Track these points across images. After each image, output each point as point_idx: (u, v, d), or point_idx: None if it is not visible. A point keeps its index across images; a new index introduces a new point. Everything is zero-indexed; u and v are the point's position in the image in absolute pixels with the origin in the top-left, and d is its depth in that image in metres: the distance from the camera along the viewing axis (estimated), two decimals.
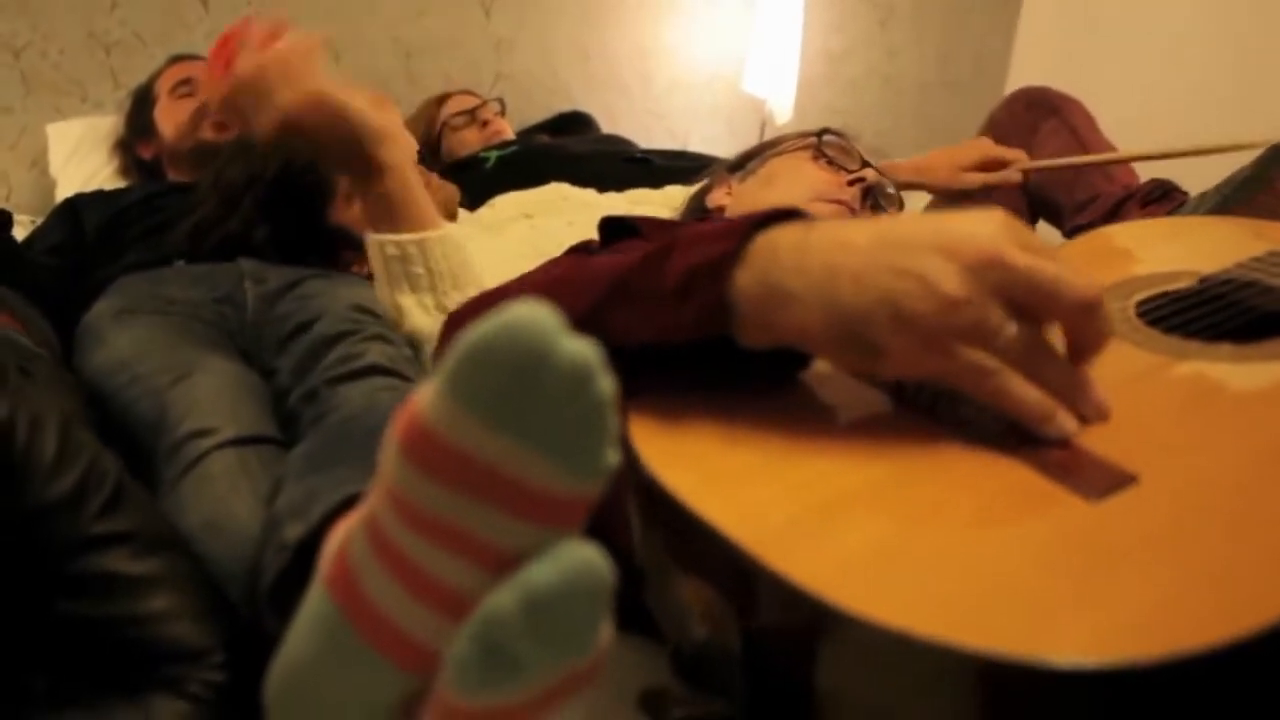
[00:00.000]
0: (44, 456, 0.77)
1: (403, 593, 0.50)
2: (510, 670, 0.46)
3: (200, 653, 0.79)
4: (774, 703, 0.55)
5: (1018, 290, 0.60)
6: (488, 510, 0.47)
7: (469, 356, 0.44)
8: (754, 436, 0.63)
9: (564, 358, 0.44)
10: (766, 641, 0.54)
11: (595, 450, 0.46)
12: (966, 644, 0.45)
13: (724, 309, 0.64)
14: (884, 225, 0.63)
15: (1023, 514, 0.55)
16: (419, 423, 0.46)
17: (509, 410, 0.44)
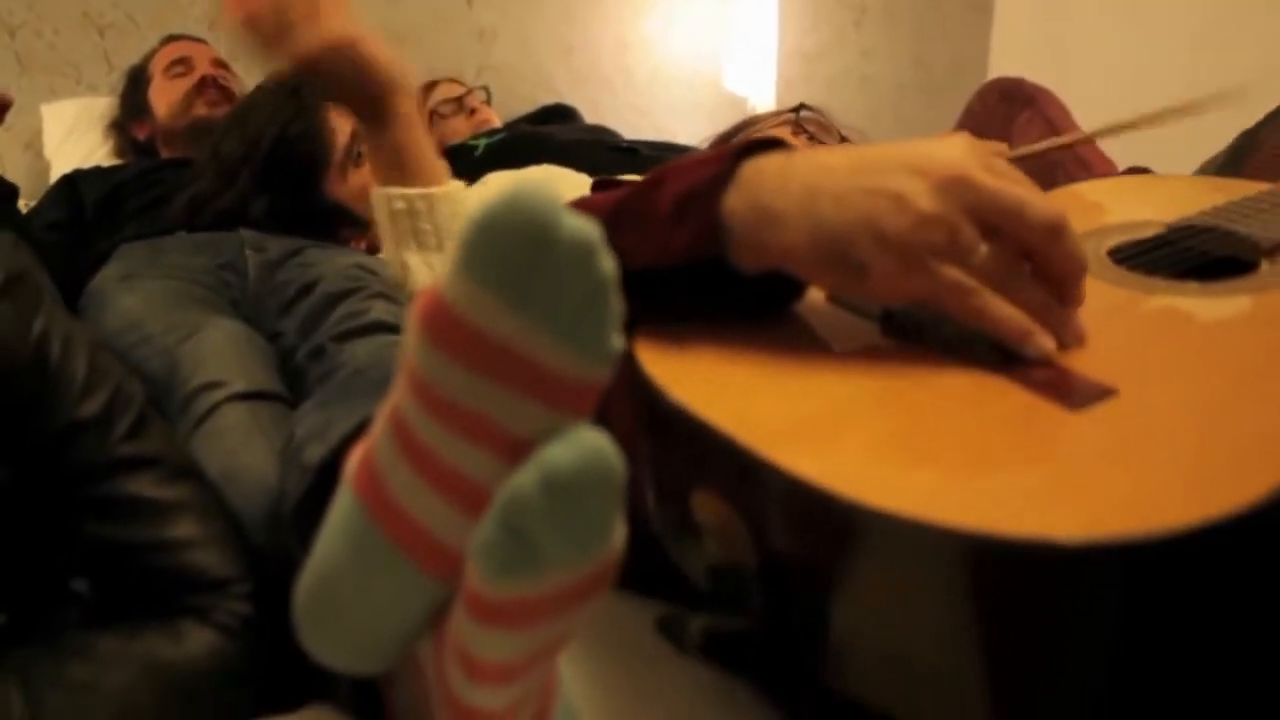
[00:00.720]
0: (75, 376, 0.78)
1: (425, 487, 0.51)
2: (532, 558, 0.46)
3: (225, 582, 0.80)
4: (790, 612, 0.56)
5: (986, 209, 0.62)
6: (501, 391, 0.48)
7: (479, 232, 0.46)
8: (754, 357, 0.66)
9: (567, 232, 0.45)
10: (778, 548, 0.55)
11: (600, 331, 0.47)
12: (973, 526, 0.47)
13: (717, 231, 0.66)
14: (859, 149, 0.66)
15: (1010, 420, 0.58)
16: (436, 301, 0.48)
17: (518, 284, 0.46)
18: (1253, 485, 0.48)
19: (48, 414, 0.77)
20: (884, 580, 0.51)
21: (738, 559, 0.58)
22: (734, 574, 0.58)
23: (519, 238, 0.45)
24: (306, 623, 0.57)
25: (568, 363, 0.47)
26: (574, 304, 0.46)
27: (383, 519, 0.53)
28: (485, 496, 0.48)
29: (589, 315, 0.47)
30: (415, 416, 0.50)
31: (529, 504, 0.45)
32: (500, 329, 0.47)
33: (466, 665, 0.52)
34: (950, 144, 0.64)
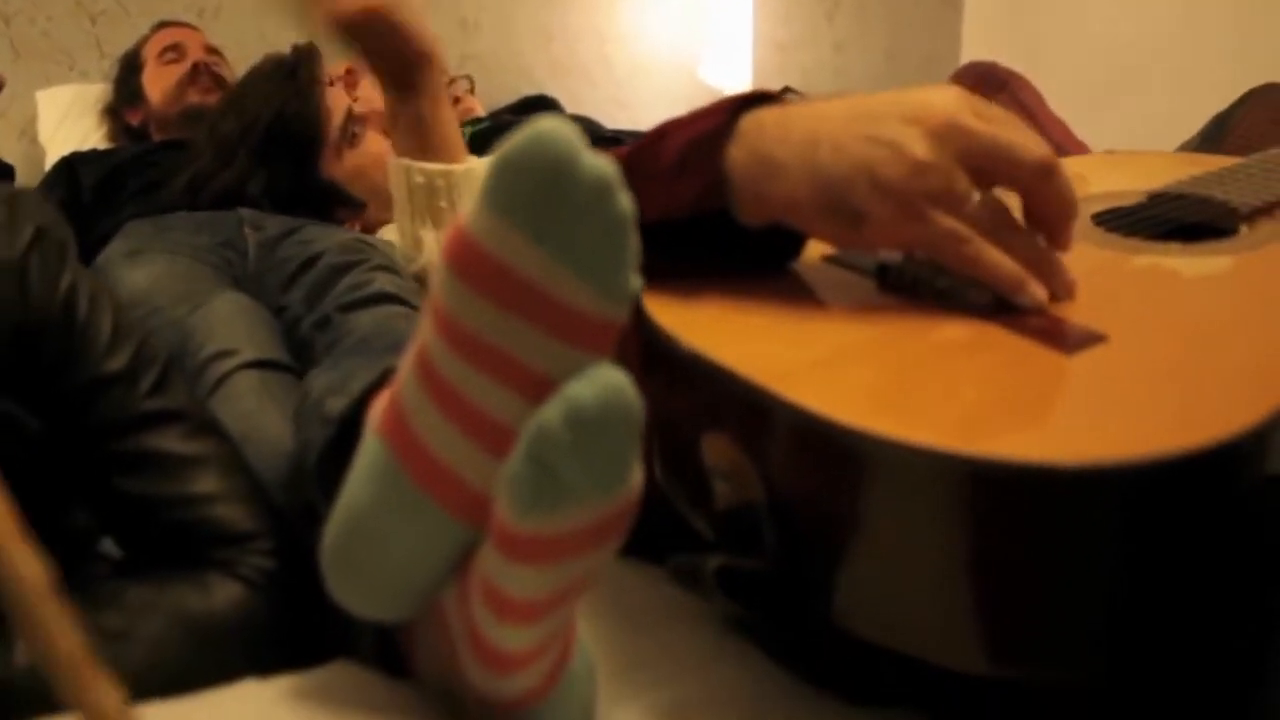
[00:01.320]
0: (101, 332, 0.79)
1: (450, 426, 0.52)
2: (557, 491, 0.47)
3: (249, 536, 0.80)
4: (800, 549, 0.57)
5: (979, 154, 0.63)
6: (524, 327, 0.49)
7: (503, 166, 0.46)
8: (759, 307, 0.67)
9: (587, 167, 0.46)
10: (787, 485, 0.56)
11: (619, 269, 0.48)
12: (977, 452, 0.48)
13: (720, 184, 0.66)
14: (854, 99, 0.66)
15: (1006, 361, 0.59)
16: (462, 235, 0.49)
17: (539, 217, 0.47)
18: (1239, 416, 0.50)
19: (75, 368, 0.77)
20: (889, 510, 0.53)
21: (748, 498, 0.58)
22: (745, 514, 0.59)
23: (540, 172, 0.46)
24: (333, 570, 0.58)
25: (587, 300, 0.49)
26: (593, 239, 0.48)
27: (409, 462, 0.54)
28: (508, 436, 0.50)
29: (608, 252, 0.48)
30: (441, 355, 0.51)
31: (555, 438, 0.46)
32: (523, 263, 0.48)
33: (495, 603, 0.53)
34: (943, 92, 0.65)
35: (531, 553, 0.50)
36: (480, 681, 0.58)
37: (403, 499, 0.55)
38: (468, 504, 0.54)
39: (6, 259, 0.73)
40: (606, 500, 0.49)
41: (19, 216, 0.75)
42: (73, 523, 0.85)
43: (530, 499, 0.48)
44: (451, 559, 0.56)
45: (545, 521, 0.48)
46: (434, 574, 0.57)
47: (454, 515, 0.54)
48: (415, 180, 1.23)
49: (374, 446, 0.56)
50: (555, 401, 0.47)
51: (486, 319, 0.49)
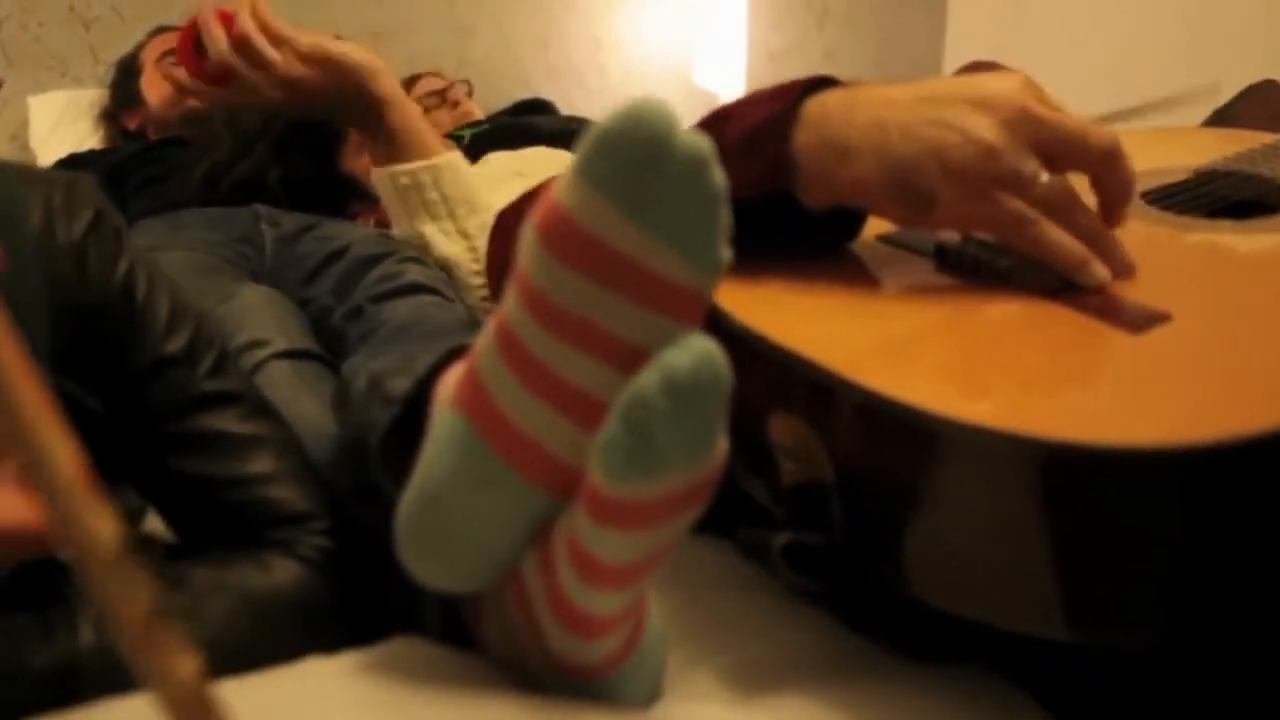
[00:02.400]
0: (159, 314, 0.79)
1: (532, 398, 0.53)
2: (652, 457, 0.48)
3: (305, 516, 0.80)
4: (869, 524, 0.58)
5: (1047, 139, 0.65)
6: (615, 299, 0.49)
7: (600, 142, 0.47)
8: (822, 287, 0.68)
9: (682, 144, 0.47)
10: (857, 463, 0.57)
11: (712, 240, 0.49)
12: (1054, 435, 0.49)
13: (786, 167, 0.68)
14: (920, 84, 0.68)
15: (1075, 341, 0.61)
16: (556, 209, 0.49)
17: (635, 192, 0.47)
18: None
19: (134, 350, 0.77)
20: (962, 488, 0.54)
21: (816, 476, 0.59)
22: (813, 491, 0.60)
23: (637, 147, 0.46)
24: (411, 544, 0.58)
25: (680, 271, 0.49)
26: (687, 213, 0.48)
27: (490, 433, 0.54)
28: (594, 406, 0.51)
29: (701, 225, 0.49)
30: (525, 328, 0.52)
31: (651, 404, 0.47)
32: (617, 236, 0.48)
33: (586, 569, 0.53)
34: (1011, 78, 0.67)
35: (624, 518, 0.50)
36: (562, 648, 0.59)
37: (484, 471, 0.55)
38: (551, 474, 0.54)
39: (67, 242, 0.73)
40: (696, 466, 0.50)
41: (77, 201, 0.75)
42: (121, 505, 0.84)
43: (625, 464, 0.48)
44: (532, 528, 0.56)
45: (638, 487, 0.49)
46: (514, 544, 0.57)
47: (537, 485, 0.55)
48: (401, 182, 1.26)
49: (452, 420, 0.56)
50: (651, 369, 0.47)
51: (578, 292, 0.50)
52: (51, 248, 0.71)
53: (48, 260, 0.70)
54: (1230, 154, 0.90)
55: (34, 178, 0.74)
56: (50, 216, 0.72)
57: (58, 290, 0.70)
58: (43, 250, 0.70)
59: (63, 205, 0.73)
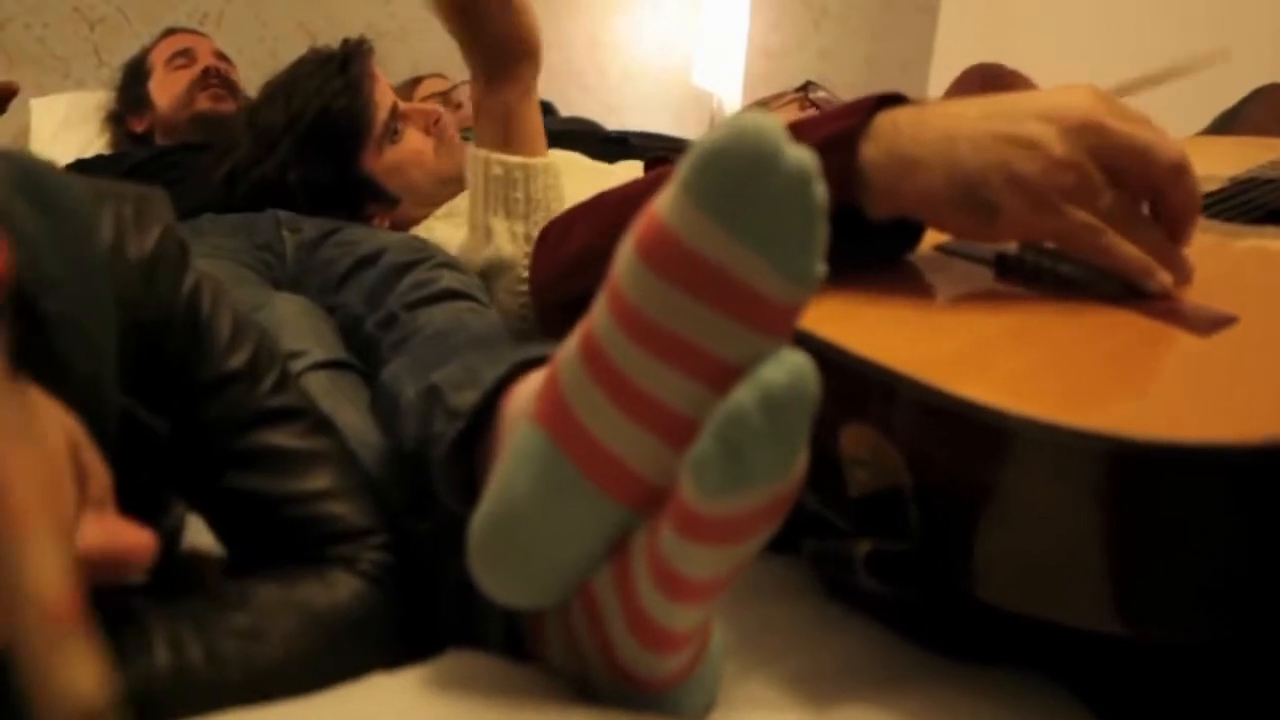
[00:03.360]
0: (222, 330, 0.78)
1: (618, 413, 0.52)
2: (746, 473, 0.48)
3: (365, 532, 0.80)
4: (947, 528, 0.59)
5: (1114, 152, 0.65)
6: (713, 314, 0.49)
7: (706, 158, 0.47)
8: (889, 298, 0.69)
9: (790, 160, 0.47)
10: (937, 468, 0.58)
11: (810, 257, 0.49)
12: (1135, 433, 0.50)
13: (852, 180, 0.68)
14: (989, 99, 0.69)
15: (1145, 344, 0.61)
16: (658, 224, 0.49)
17: (739, 209, 0.47)
18: None
19: (198, 366, 0.76)
20: (1036, 489, 0.54)
21: (892, 483, 0.60)
22: (887, 499, 0.60)
23: (744, 164, 0.46)
24: (486, 559, 0.58)
25: (777, 287, 0.49)
26: (789, 229, 0.48)
27: (572, 448, 0.54)
28: (681, 421, 0.51)
29: (801, 241, 0.48)
30: (615, 343, 0.52)
31: (749, 421, 0.47)
32: (718, 252, 0.48)
33: (671, 585, 0.53)
34: (1078, 91, 0.67)
35: (714, 534, 0.50)
36: (633, 661, 0.59)
37: (567, 487, 0.55)
38: (633, 489, 0.54)
39: (137, 257, 0.72)
40: (784, 481, 0.50)
41: (148, 216, 0.74)
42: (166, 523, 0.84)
43: (719, 481, 0.48)
44: (609, 543, 0.56)
45: (730, 503, 0.49)
46: (591, 559, 0.57)
47: (619, 501, 0.54)
48: (494, 172, 1.22)
49: (531, 436, 0.56)
50: (748, 385, 0.47)
51: (674, 307, 0.50)
52: (121, 264, 0.70)
53: (117, 277, 0.69)
54: (1265, 162, 0.91)
55: (105, 191, 0.73)
56: (121, 232, 0.72)
57: (126, 307, 0.69)
58: (113, 267, 0.69)
59: (134, 220, 0.73)
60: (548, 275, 0.95)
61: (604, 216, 0.89)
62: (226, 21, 2.47)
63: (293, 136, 1.56)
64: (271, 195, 1.53)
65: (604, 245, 0.84)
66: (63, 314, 0.62)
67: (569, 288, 0.90)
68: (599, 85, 2.94)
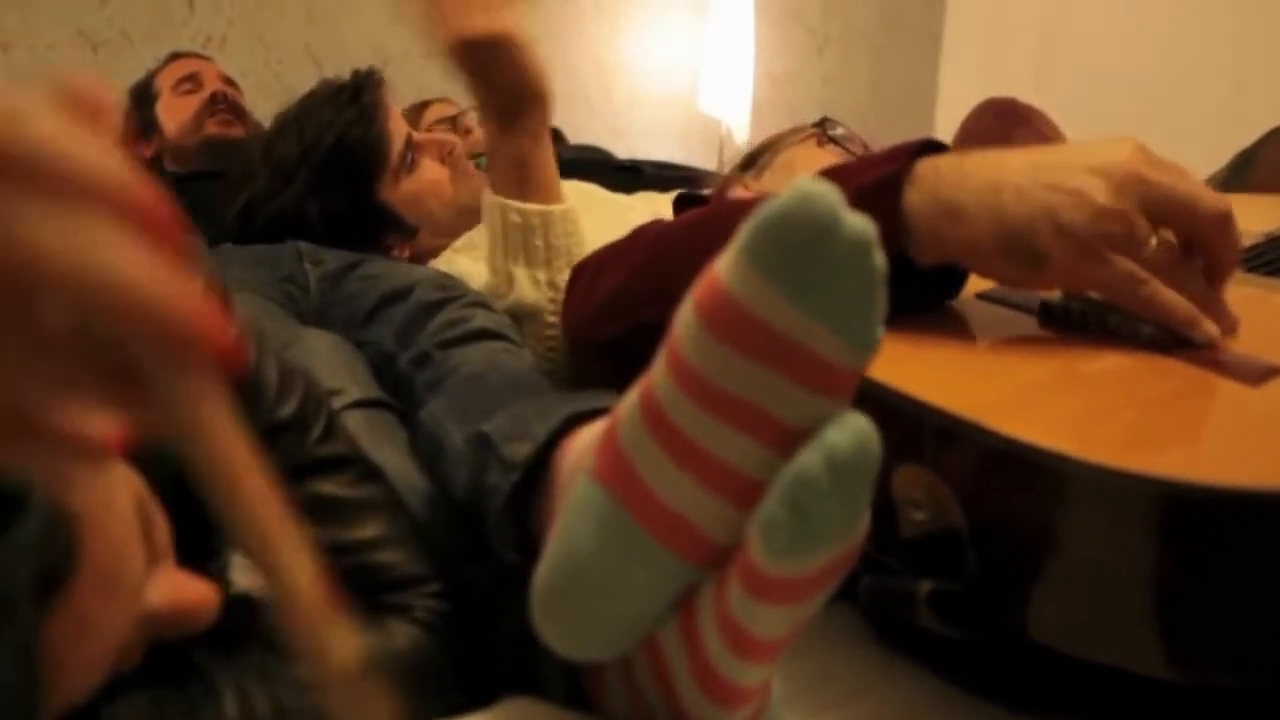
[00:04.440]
0: (270, 380, 0.78)
1: (682, 473, 0.53)
2: (813, 535, 0.49)
3: (419, 579, 0.80)
4: (1003, 570, 0.59)
5: (1159, 204, 0.67)
6: (776, 378, 0.50)
7: (768, 226, 0.48)
8: (937, 343, 0.70)
9: (851, 227, 0.47)
10: (992, 509, 0.58)
11: (871, 322, 0.49)
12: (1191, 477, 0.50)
13: (896, 226, 0.70)
14: (1034, 150, 0.70)
15: (1196, 393, 0.62)
16: (720, 291, 0.50)
17: (802, 276, 0.48)
18: None
19: (248, 418, 0.76)
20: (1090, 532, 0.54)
21: (947, 525, 0.60)
22: (943, 540, 0.61)
23: (806, 231, 0.47)
24: (550, 615, 0.58)
25: (839, 352, 0.49)
26: (850, 295, 0.49)
27: (637, 510, 0.55)
28: (744, 482, 0.51)
29: (862, 306, 0.49)
30: (677, 405, 0.52)
31: (816, 484, 0.48)
32: (780, 318, 0.49)
33: (740, 643, 0.54)
34: (1123, 144, 0.69)
35: (783, 594, 0.51)
36: (699, 715, 0.59)
37: (632, 546, 0.55)
38: (698, 547, 0.54)
39: None
40: (849, 540, 0.51)
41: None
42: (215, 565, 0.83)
43: (787, 543, 0.49)
44: (675, 599, 0.57)
45: (798, 564, 0.50)
46: (655, 614, 0.57)
47: (686, 559, 0.55)
48: (512, 219, 1.22)
49: (593, 493, 0.56)
50: (814, 448, 0.48)
51: (737, 371, 0.50)
52: None
53: None
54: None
55: None
56: None
57: None
58: None
59: None
60: (581, 317, 0.96)
61: (635, 259, 0.89)
62: (230, 44, 2.45)
63: (309, 167, 1.55)
64: (290, 227, 1.52)
65: (636, 288, 0.88)
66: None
67: (602, 329, 0.91)
68: (605, 110, 2.94)
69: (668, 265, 0.84)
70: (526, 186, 1.22)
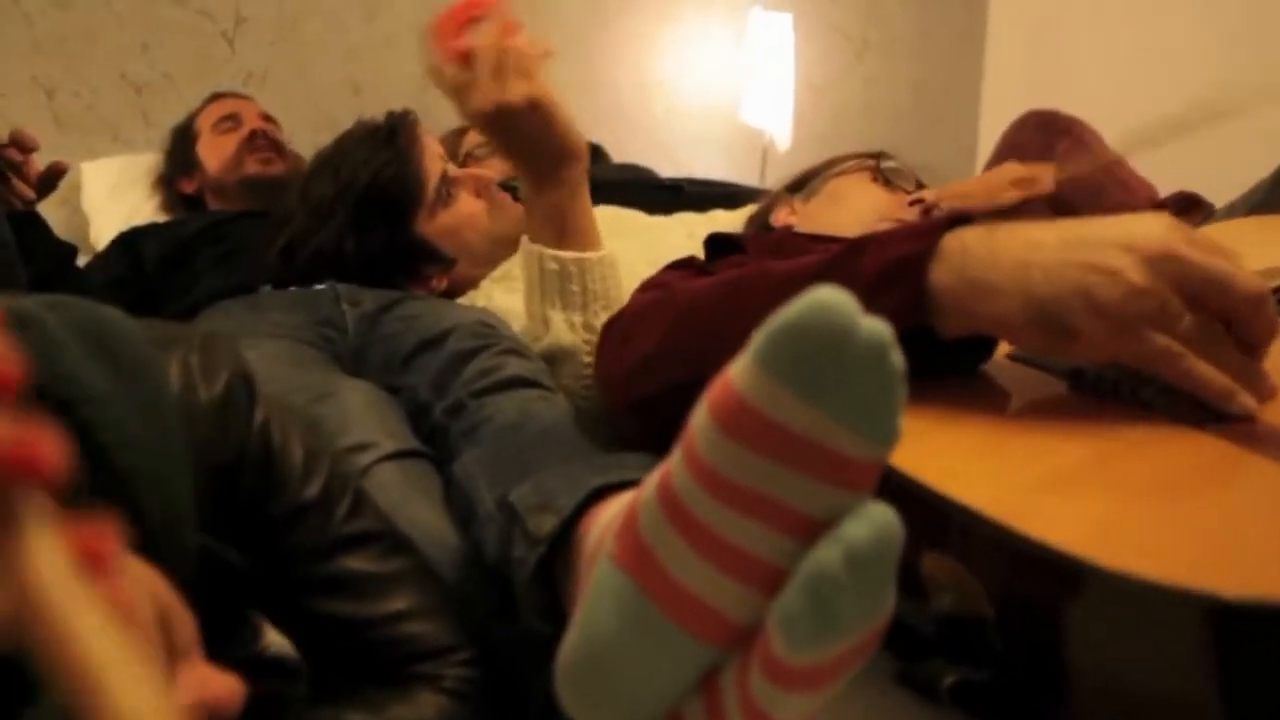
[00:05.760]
0: (295, 462, 0.79)
1: (703, 563, 0.53)
2: (834, 626, 0.49)
3: (448, 649, 0.81)
4: (1030, 663, 0.59)
5: (1194, 281, 0.66)
6: (797, 477, 0.50)
7: (783, 334, 0.48)
8: (965, 419, 0.69)
9: (866, 333, 0.47)
10: (1018, 605, 0.58)
11: (890, 419, 0.49)
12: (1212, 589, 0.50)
13: (922, 302, 0.70)
14: (1065, 226, 0.70)
15: (1235, 476, 0.61)
16: (736, 398, 0.50)
17: (817, 381, 0.48)
18: None
19: (273, 500, 0.78)
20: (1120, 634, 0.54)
21: (974, 612, 0.60)
22: (970, 626, 0.61)
23: (821, 338, 0.47)
24: (574, 693, 0.59)
25: (857, 447, 0.49)
26: (868, 396, 0.49)
27: (656, 593, 0.55)
28: (767, 570, 0.51)
29: (881, 407, 0.49)
30: (695, 499, 0.52)
31: (834, 578, 0.48)
32: (795, 420, 0.49)
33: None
34: (1153, 221, 0.69)
35: (804, 682, 0.51)
36: None
37: (653, 631, 0.55)
38: (719, 631, 0.54)
39: (208, 403, 0.73)
40: (871, 628, 0.50)
41: (215, 361, 0.74)
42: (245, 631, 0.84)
43: (808, 636, 0.49)
44: (697, 679, 0.56)
45: (819, 654, 0.49)
46: (678, 694, 0.57)
47: (706, 641, 0.55)
48: (548, 267, 1.23)
49: (615, 580, 0.57)
50: (832, 542, 0.48)
51: (754, 470, 0.50)
52: (194, 411, 0.71)
53: (189, 424, 0.70)
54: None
55: (169, 339, 0.74)
56: (190, 379, 0.72)
57: (200, 452, 0.70)
58: (184, 414, 0.70)
59: (200, 367, 0.73)
60: (615, 375, 0.96)
61: (665, 324, 0.90)
62: (271, 80, 2.47)
63: (346, 205, 1.57)
64: (329, 265, 1.54)
65: (666, 353, 0.88)
66: (139, 467, 0.63)
67: (637, 390, 0.91)
68: (648, 125, 2.93)
69: (696, 333, 0.84)
70: (564, 235, 1.23)
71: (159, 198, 2.18)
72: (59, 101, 2.30)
